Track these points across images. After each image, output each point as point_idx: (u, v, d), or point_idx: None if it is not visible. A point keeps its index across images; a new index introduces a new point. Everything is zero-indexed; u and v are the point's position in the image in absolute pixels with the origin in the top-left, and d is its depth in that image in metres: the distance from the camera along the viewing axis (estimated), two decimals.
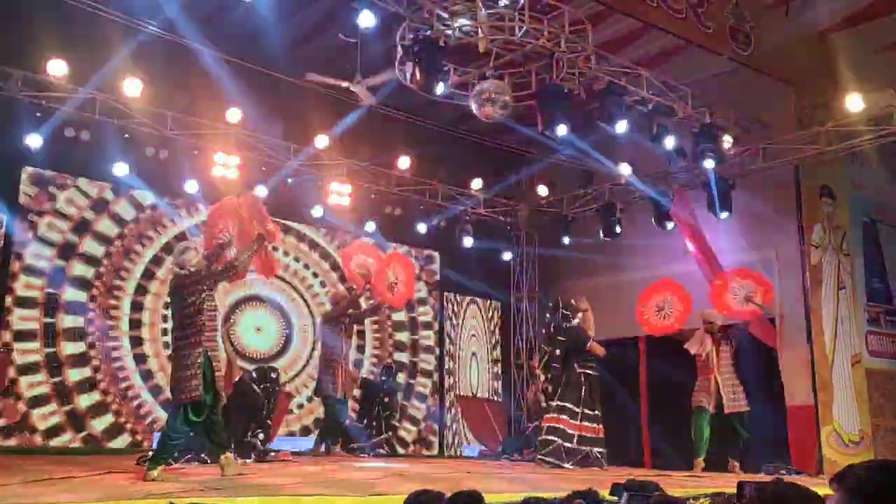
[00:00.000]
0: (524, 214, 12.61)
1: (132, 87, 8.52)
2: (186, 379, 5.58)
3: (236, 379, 8.22)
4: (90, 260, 9.37)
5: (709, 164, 9.45)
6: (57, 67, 8.29)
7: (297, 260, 11.06)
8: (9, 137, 8.51)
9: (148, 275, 9.75)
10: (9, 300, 8.74)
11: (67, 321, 9.10)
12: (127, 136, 9.12)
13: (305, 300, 11.04)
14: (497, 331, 12.96)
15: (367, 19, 7.03)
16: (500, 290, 12.91)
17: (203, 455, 7.09)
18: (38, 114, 8.52)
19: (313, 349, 10.58)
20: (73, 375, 9.01)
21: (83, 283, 9.26)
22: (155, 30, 8.51)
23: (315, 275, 11.20)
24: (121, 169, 9.15)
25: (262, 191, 9.99)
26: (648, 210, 10.92)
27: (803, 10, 9.07)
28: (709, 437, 8.86)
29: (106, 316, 9.37)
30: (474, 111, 7.75)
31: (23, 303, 8.84)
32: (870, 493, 1.96)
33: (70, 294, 9.16)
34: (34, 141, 8.52)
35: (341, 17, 8.13)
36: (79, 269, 9.28)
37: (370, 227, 11.17)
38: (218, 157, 9.59)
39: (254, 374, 8.55)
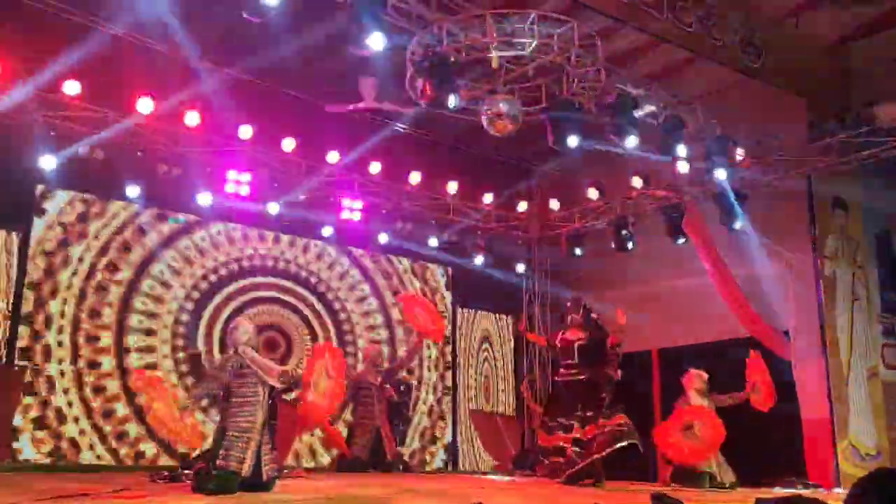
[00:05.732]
0: (536, 228, 12.59)
1: (144, 106, 8.61)
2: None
3: None
4: (114, 270, 9.45)
5: (721, 175, 9.43)
6: (71, 87, 8.38)
7: (307, 278, 11.09)
8: (24, 158, 8.56)
9: (160, 294, 9.82)
10: (24, 317, 8.79)
11: (86, 339, 9.16)
12: (140, 153, 9.17)
13: (310, 320, 11.06)
14: (510, 345, 12.93)
15: (376, 42, 6.96)
16: (513, 303, 12.88)
17: None
18: (52, 132, 8.58)
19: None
20: (91, 393, 9.07)
21: (100, 300, 9.33)
22: (167, 49, 8.56)
23: (324, 294, 11.23)
24: (133, 188, 9.22)
25: (274, 208, 10.01)
26: (660, 223, 10.89)
27: (813, 22, 9.07)
28: None
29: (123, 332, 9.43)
30: (485, 126, 7.76)
31: (41, 321, 8.90)
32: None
33: (85, 312, 9.24)
34: (48, 162, 8.56)
35: (353, 34, 8.14)
36: (98, 285, 9.36)
37: (382, 240, 11.22)
38: (230, 174, 9.65)
39: None
